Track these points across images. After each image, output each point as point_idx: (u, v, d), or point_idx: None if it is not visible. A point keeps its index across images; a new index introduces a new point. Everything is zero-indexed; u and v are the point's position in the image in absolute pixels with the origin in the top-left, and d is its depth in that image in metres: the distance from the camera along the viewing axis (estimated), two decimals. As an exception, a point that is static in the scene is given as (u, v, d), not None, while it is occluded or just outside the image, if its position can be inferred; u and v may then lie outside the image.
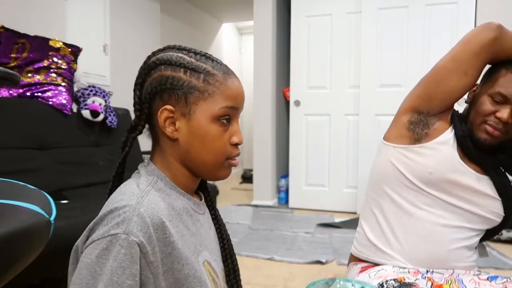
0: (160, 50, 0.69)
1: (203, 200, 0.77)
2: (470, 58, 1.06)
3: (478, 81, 1.14)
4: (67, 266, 0.62)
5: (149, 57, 0.69)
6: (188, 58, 0.66)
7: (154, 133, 0.70)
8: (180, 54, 0.66)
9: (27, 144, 1.88)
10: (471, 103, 1.12)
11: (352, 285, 0.70)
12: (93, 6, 2.84)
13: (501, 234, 2.48)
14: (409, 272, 1.08)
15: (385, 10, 3.15)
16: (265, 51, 3.53)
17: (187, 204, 0.69)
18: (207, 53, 0.68)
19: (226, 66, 0.69)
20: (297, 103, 3.50)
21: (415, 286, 0.97)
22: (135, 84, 0.69)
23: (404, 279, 1.01)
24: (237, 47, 6.23)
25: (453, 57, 1.08)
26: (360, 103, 3.25)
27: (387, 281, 1.01)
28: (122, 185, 0.66)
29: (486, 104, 1.05)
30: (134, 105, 0.69)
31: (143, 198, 0.60)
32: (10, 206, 0.75)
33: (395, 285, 0.98)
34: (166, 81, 0.64)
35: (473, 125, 1.08)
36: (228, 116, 0.67)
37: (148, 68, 0.67)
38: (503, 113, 1.02)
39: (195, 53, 0.67)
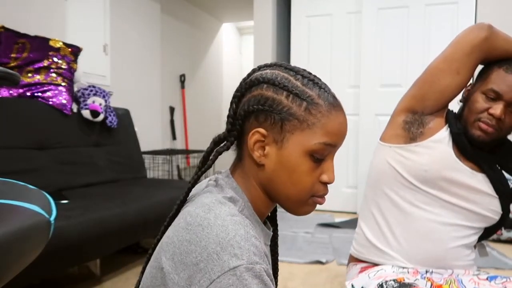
0: (266, 66, 0.65)
1: (271, 230, 0.71)
2: (461, 58, 1.07)
3: (473, 80, 1.15)
4: (67, 266, 0.61)
5: (253, 70, 0.65)
6: (294, 81, 0.61)
7: (240, 151, 0.65)
8: (286, 75, 0.62)
9: (27, 144, 1.88)
10: (465, 101, 1.13)
11: None
12: (93, 6, 2.84)
13: (501, 234, 2.48)
14: (408, 272, 1.08)
15: (385, 10, 3.15)
16: (265, 51, 3.53)
17: (261, 235, 0.65)
18: (316, 78, 0.63)
19: (334, 96, 0.63)
20: (297, 103, 3.49)
21: (414, 286, 0.97)
22: (233, 97, 0.63)
23: (404, 280, 1.01)
24: (237, 47, 6.23)
25: (445, 57, 1.10)
26: (360, 103, 3.25)
27: (386, 281, 1.01)
28: (211, 205, 0.58)
29: (479, 102, 1.06)
30: (228, 117, 0.63)
31: (248, 227, 0.55)
32: (10, 206, 0.75)
33: (395, 285, 0.98)
34: (265, 102, 0.59)
35: (467, 123, 1.09)
36: (323, 153, 0.60)
37: (250, 84, 0.62)
38: (496, 109, 1.03)
39: (303, 76, 0.62)
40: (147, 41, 3.51)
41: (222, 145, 0.65)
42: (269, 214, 0.76)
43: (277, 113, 0.59)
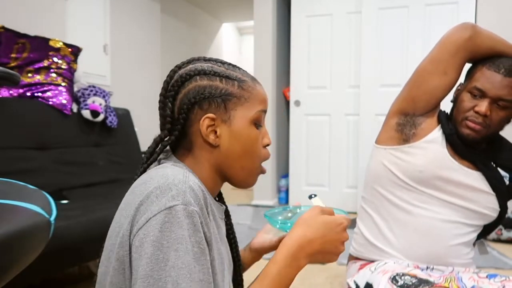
0: (187, 63, 0.71)
1: (223, 207, 0.76)
2: (447, 58, 1.08)
3: (463, 80, 1.16)
4: (67, 266, 0.62)
5: (174, 71, 0.70)
6: (218, 67, 0.68)
7: (187, 142, 0.69)
8: (210, 65, 0.69)
9: (27, 144, 1.88)
10: (454, 101, 1.14)
11: (299, 208, 0.87)
12: (93, 6, 2.84)
13: (501, 234, 2.48)
14: (408, 265, 1.08)
15: (385, 10, 3.15)
16: (265, 51, 3.53)
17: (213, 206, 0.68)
18: (231, 63, 0.71)
19: (250, 73, 0.72)
20: (297, 103, 3.50)
21: (435, 285, 0.96)
22: (166, 97, 0.68)
23: (417, 276, 1.00)
24: (237, 47, 6.23)
25: (431, 58, 1.11)
26: (360, 103, 3.25)
27: (400, 275, 1.00)
28: (155, 168, 0.65)
29: (465, 100, 1.08)
30: (164, 117, 0.68)
31: (188, 174, 0.61)
32: (10, 206, 0.75)
33: (413, 281, 0.97)
34: (204, 90, 0.66)
35: (456, 122, 1.10)
36: (261, 119, 0.70)
37: (181, 80, 0.67)
38: (481, 106, 1.03)
39: (222, 62, 0.70)
40: (147, 41, 3.51)
41: (166, 139, 0.70)
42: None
43: (218, 97, 0.66)
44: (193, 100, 0.65)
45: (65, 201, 1.68)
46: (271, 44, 3.52)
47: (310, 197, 0.85)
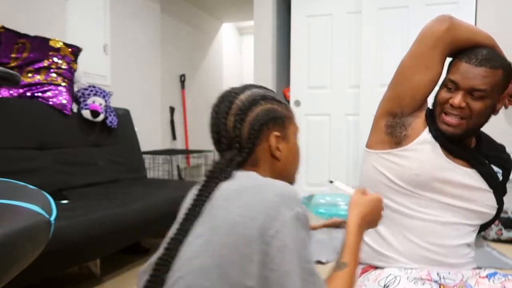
0: (244, 88, 0.81)
1: None
2: (427, 52, 1.07)
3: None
4: (67, 266, 0.62)
5: (232, 96, 0.79)
6: (269, 93, 0.81)
7: (253, 159, 0.78)
8: (263, 90, 0.81)
9: (27, 144, 1.88)
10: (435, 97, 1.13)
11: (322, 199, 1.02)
12: (93, 6, 2.85)
13: (501, 234, 2.48)
14: (422, 278, 1.05)
15: (385, 10, 3.15)
16: (265, 51, 3.53)
17: None
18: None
19: None
20: (297, 103, 3.50)
21: None
22: (236, 120, 0.76)
23: None
24: (237, 47, 6.23)
25: (411, 54, 1.10)
26: (360, 103, 3.25)
27: None
28: (246, 178, 0.74)
29: (441, 94, 1.07)
30: (232, 138, 0.76)
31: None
32: (10, 206, 0.75)
33: None
34: (269, 113, 0.78)
35: (436, 118, 1.08)
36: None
37: (249, 104, 0.77)
38: (455, 98, 1.02)
39: (266, 88, 0.84)
40: (147, 41, 3.51)
41: (236, 157, 0.77)
42: None
43: (278, 118, 0.79)
44: (263, 121, 0.76)
45: (65, 201, 1.68)
46: (271, 44, 3.53)
47: (331, 182, 1.01)
